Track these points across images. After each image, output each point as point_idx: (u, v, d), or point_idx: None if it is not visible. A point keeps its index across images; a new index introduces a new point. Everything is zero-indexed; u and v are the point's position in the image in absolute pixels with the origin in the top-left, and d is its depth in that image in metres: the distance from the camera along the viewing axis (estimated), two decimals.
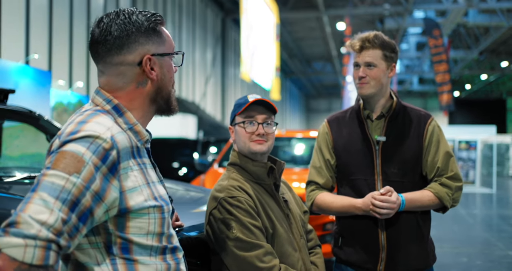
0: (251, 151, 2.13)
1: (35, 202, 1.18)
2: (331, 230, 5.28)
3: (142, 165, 1.40)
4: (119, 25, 1.41)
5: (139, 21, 1.42)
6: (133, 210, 1.33)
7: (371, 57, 2.33)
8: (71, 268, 1.34)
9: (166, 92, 1.48)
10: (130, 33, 1.41)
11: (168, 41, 1.49)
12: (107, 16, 1.44)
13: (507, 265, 6.70)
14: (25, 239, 1.13)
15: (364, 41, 2.33)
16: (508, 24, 22.28)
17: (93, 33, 1.43)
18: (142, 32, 1.42)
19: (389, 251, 2.32)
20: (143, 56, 1.42)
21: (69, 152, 1.25)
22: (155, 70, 1.44)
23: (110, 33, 1.40)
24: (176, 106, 1.52)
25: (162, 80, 1.46)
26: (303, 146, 7.56)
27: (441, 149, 2.37)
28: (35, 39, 11.24)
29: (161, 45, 1.46)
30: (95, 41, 1.43)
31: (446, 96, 21.38)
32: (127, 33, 1.41)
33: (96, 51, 1.43)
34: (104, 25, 1.41)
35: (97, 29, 1.43)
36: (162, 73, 1.46)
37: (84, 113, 1.38)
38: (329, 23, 24.00)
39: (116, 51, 1.41)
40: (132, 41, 1.41)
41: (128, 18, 1.42)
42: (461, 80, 41.33)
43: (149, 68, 1.43)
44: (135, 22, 1.42)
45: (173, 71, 1.50)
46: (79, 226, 1.22)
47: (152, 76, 1.44)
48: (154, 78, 1.44)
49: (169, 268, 1.41)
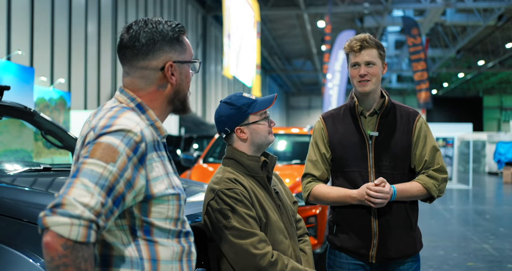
0: (269, 142, 2.32)
1: (78, 186, 1.32)
2: (314, 223, 5.43)
3: (162, 157, 1.55)
4: (147, 33, 1.56)
5: (165, 31, 1.58)
6: (156, 197, 1.49)
7: (370, 56, 2.48)
8: (99, 248, 1.48)
9: (183, 95, 1.65)
10: (157, 41, 1.57)
11: (188, 50, 1.65)
12: (136, 23, 1.59)
13: (482, 258, 6.93)
14: (71, 218, 1.27)
15: (363, 41, 2.48)
16: (485, 24, 22.68)
17: (122, 38, 1.59)
18: (167, 41, 1.58)
19: (380, 238, 2.50)
20: (166, 62, 1.59)
21: (105, 143, 1.40)
22: (175, 76, 1.61)
23: (138, 40, 1.56)
24: (189, 107, 1.69)
25: (180, 84, 1.63)
26: (285, 142, 7.70)
27: (428, 144, 2.55)
28: (16, 35, 11.19)
29: (182, 54, 1.63)
30: (124, 46, 1.58)
31: (424, 94, 21.69)
32: (154, 41, 1.57)
33: (124, 55, 1.59)
34: (134, 32, 1.57)
35: (126, 35, 1.58)
36: (181, 78, 1.63)
37: (113, 109, 1.53)
38: (310, 21, 24.17)
39: (142, 57, 1.57)
40: (157, 48, 1.57)
41: (155, 27, 1.58)
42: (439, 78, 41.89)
43: (170, 74, 1.60)
44: (162, 31, 1.58)
45: (190, 77, 1.67)
46: (113, 209, 1.37)
47: (172, 81, 1.61)
48: (173, 82, 1.61)
49: (183, 250, 1.57)
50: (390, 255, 2.52)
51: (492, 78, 41.06)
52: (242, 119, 2.27)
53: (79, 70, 14.04)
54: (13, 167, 2.90)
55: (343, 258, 2.59)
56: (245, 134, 2.28)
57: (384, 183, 2.40)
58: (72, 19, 13.53)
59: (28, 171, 2.82)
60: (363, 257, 2.54)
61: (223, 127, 2.30)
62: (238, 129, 2.28)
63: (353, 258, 2.57)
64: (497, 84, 43.64)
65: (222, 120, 2.29)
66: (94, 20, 14.74)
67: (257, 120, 2.28)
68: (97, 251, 1.47)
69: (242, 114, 2.27)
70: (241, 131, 2.28)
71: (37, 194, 2.33)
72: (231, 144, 2.34)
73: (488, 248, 7.56)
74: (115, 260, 1.47)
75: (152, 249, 1.50)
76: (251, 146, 2.30)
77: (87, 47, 14.31)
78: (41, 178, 2.72)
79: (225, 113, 2.29)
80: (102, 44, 15.10)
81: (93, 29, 14.70)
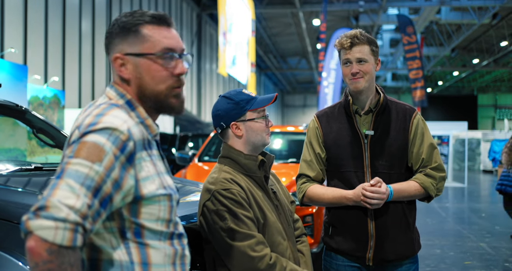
0: (265, 143, 2.26)
1: (62, 188, 1.25)
2: (310, 222, 5.39)
3: (152, 156, 1.47)
4: (109, 27, 1.53)
5: (120, 23, 1.51)
6: (146, 197, 1.41)
7: (362, 53, 2.40)
8: (87, 251, 1.40)
9: (150, 92, 1.50)
10: (113, 34, 1.51)
11: (150, 41, 1.50)
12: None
13: (479, 256, 6.92)
14: (55, 221, 1.20)
15: (353, 38, 2.40)
16: (479, 22, 22.71)
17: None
18: (118, 32, 1.51)
19: (377, 240, 2.43)
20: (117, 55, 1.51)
21: (90, 142, 1.32)
22: (128, 69, 1.50)
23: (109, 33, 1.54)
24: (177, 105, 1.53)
25: (140, 79, 1.50)
26: (281, 141, 7.65)
27: (426, 141, 2.48)
28: (10, 33, 11.09)
29: (137, 45, 1.49)
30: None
31: (419, 93, 21.68)
32: (111, 35, 1.52)
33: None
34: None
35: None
36: (137, 72, 1.49)
37: (100, 106, 1.45)
38: (305, 19, 24.15)
39: (107, 51, 1.55)
40: (111, 42, 1.52)
41: (118, 20, 1.52)
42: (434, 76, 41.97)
43: (118, 66, 1.50)
44: (120, 23, 1.51)
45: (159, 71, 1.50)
46: (100, 211, 1.30)
47: (122, 74, 1.51)
48: (125, 76, 1.50)
49: (176, 252, 1.49)
50: (388, 257, 2.46)
51: (486, 77, 41.15)
52: (239, 115, 2.22)
53: (73, 68, 13.94)
54: (4, 167, 2.83)
55: (339, 260, 2.53)
56: (241, 131, 2.22)
57: (380, 183, 2.34)
58: (66, 17, 13.43)
59: (19, 171, 2.75)
60: (360, 259, 2.48)
61: (219, 122, 2.24)
62: (233, 124, 2.22)
63: (349, 261, 2.50)
64: (492, 83, 43.75)
65: (219, 114, 2.24)
66: (88, 18, 14.64)
67: (254, 117, 2.23)
68: (85, 255, 1.40)
69: (239, 109, 2.22)
70: (236, 127, 2.22)
71: (27, 194, 2.27)
72: (226, 141, 2.28)
73: (484, 246, 7.54)
74: (104, 264, 1.39)
75: (143, 252, 1.42)
76: (246, 144, 2.23)
77: (81, 45, 14.21)
78: (32, 178, 2.65)
79: (222, 107, 2.24)
80: (97, 42, 14.99)
81: (87, 27, 14.60)
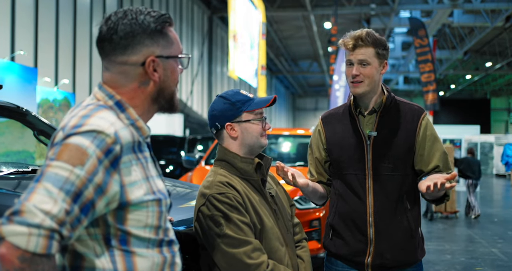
0: (262, 145, 2.19)
1: (39, 192, 1.19)
2: (318, 227, 5.32)
3: (142, 159, 1.41)
4: (125, 25, 1.41)
5: (145, 22, 1.42)
6: (133, 203, 1.34)
7: (364, 55, 2.32)
8: (69, 258, 1.34)
9: (169, 92, 1.48)
10: (136, 34, 1.41)
11: (175, 44, 1.48)
12: (115, 14, 1.44)
13: (490, 262, 6.80)
14: (29, 227, 1.14)
15: (357, 39, 2.32)
16: (492, 25, 22.52)
17: (101, 30, 1.44)
18: (147, 33, 1.42)
19: (377, 245, 2.34)
20: (147, 57, 1.42)
21: (73, 144, 1.26)
22: (158, 72, 1.44)
23: (116, 33, 1.41)
24: (178, 105, 1.53)
25: (165, 81, 1.46)
26: (290, 143, 7.59)
27: (439, 148, 2.38)
28: (20, 36, 11.15)
29: (166, 48, 1.46)
30: (101, 39, 1.44)
31: (431, 96, 21.53)
32: (133, 34, 1.41)
33: (102, 48, 1.44)
34: (111, 24, 1.42)
35: (104, 26, 1.43)
36: (165, 75, 1.46)
37: (87, 107, 1.38)
38: (316, 22, 24.08)
39: (120, 51, 1.42)
40: (137, 42, 1.41)
41: (135, 19, 1.42)
42: (446, 80, 41.71)
43: (152, 70, 1.43)
44: (142, 23, 1.42)
45: (178, 73, 1.50)
46: (80, 217, 1.23)
47: (154, 78, 1.44)
48: (156, 79, 1.45)
49: (165, 260, 1.42)
50: (387, 263, 2.36)
51: (499, 80, 40.82)
52: (235, 115, 2.15)
53: (84, 71, 13.99)
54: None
55: (339, 266, 2.45)
56: (235, 132, 2.15)
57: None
58: (77, 19, 13.48)
59: (14, 173, 2.71)
60: (358, 265, 2.39)
61: (214, 122, 2.18)
62: (228, 125, 2.15)
63: (349, 266, 2.42)
64: (505, 86, 43.37)
65: (214, 114, 2.18)
66: (99, 20, 14.61)
67: (250, 119, 2.16)
68: (67, 262, 1.34)
69: (235, 110, 2.15)
70: (231, 128, 2.16)
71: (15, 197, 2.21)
72: (221, 142, 2.21)
73: (496, 252, 7.42)
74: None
75: (129, 261, 1.35)
76: (242, 146, 2.17)
77: (91, 48, 14.25)
78: (27, 181, 2.60)
79: (218, 107, 2.18)
80: None
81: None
